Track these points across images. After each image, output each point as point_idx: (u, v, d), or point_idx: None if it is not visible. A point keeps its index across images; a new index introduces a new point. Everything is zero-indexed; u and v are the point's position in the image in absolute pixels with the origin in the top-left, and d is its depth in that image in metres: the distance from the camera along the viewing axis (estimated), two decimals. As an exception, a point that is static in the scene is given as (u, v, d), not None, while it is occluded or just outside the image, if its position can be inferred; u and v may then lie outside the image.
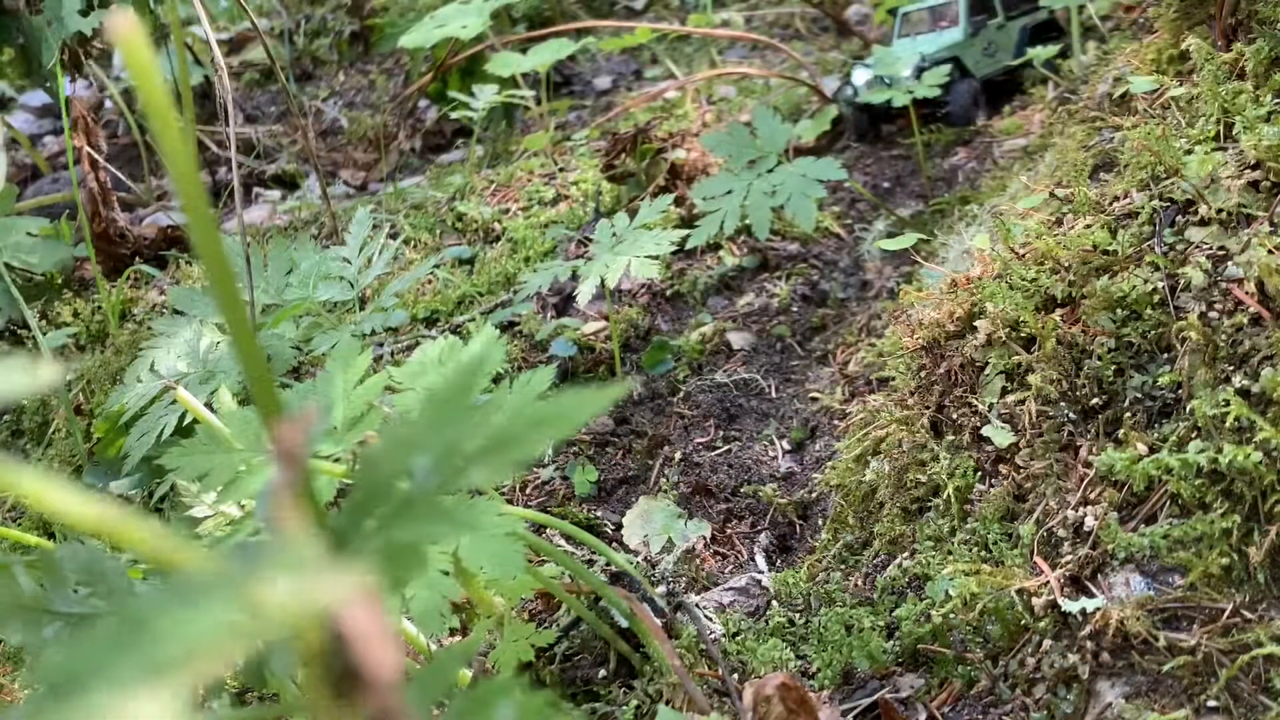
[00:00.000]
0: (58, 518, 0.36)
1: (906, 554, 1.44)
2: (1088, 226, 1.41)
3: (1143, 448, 1.21)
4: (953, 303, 1.50)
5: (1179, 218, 1.33)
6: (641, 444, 1.96)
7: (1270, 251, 1.18)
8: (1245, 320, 1.18)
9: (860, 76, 2.76)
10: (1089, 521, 1.23)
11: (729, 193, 2.13)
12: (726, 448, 1.92)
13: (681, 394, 2.06)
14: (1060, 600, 1.17)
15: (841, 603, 1.42)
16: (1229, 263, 1.23)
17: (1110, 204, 1.43)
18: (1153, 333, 1.28)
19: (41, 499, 0.36)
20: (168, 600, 0.32)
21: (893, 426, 1.55)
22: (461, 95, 3.02)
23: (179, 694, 0.29)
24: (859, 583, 1.47)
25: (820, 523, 1.67)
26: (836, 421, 1.85)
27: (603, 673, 1.41)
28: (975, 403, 1.43)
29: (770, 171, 2.13)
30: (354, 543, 0.50)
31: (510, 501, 1.88)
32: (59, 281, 2.67)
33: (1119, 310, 1.31)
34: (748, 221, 2.12)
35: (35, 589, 0.89)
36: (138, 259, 2.74)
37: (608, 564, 1.55)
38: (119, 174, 2.77)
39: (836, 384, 1.97)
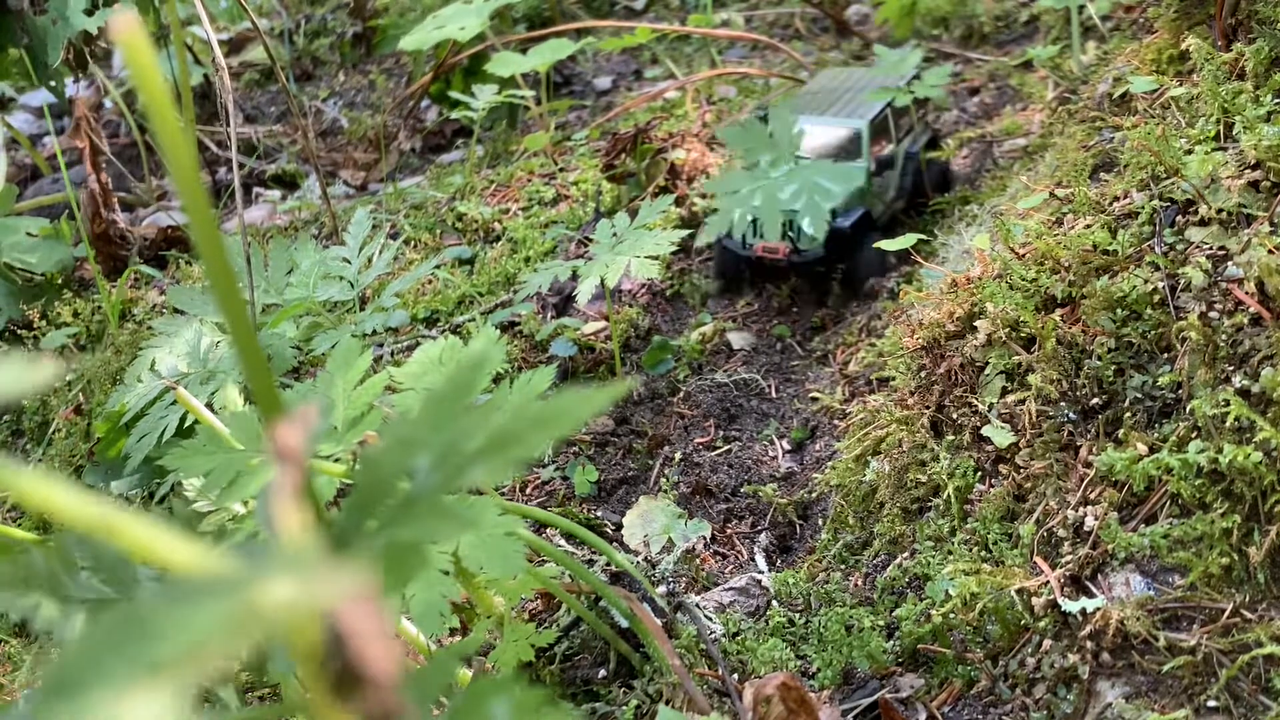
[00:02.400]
0: (58, 518, 0.36)
1: (906, 554, 1.44)
2: (1088, 226, 1.41)
3: (1143, 448, 1.21)
4: (953, 303, 1.50)
5: (1179, 218, 1.33)
6: (641, 444, 1.96)
7: (1270, 251, 1.18)
8: (1245, 320, 1.18)
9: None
10: (1089, 521, 1.23)
11: (738, 192, 2.10)
12: (726, 448, 1.92)
13: (681, 394, 2.06)
14: (1060, 600, 1.18)
15: (841, 603, 1.42)
16: (1229, 263, 1.23)
17: (1110, 204, 1.43)
18: (1153, 333, 1.28)
19: (41, 500, 0.36)
20: (167, 599, 0.32)
21: (893, 426, 1.55)
22: (463, 96, 3.02)
23: (177, 693, 0.29)
24: (859, 583, 1.47)
25: (820, 523, 1.67)
26: (836, 421, 1.85)
27: (603, 673, 1.41)
28: (975, 403, 1.43)
29: (786, 172, 2.10)
30: (355, 542, 0.51)
31: (510, 501, 1.88)
32: (59, 281, 2.67)
33: (1119, 310, 1.31)
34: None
35: (53, 571, 0.89)
36: (138, 259, 2.74)
37: (608, 564, 1.55)
38: (118, 175, 2.77)
39: (836, 384, 1.97)
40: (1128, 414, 1.27)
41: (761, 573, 1.59)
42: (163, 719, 0.28)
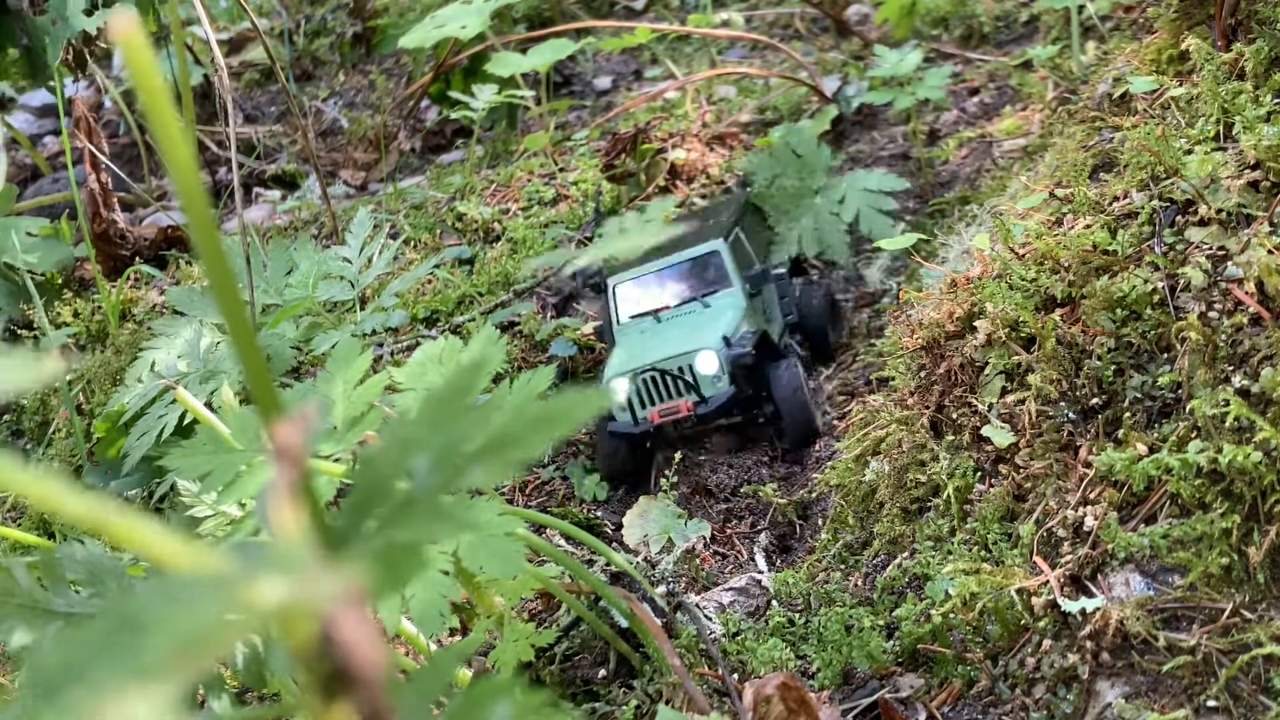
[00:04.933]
0: (58, 517, 0.36)
1: (906, 554, 1.44)
2: (1088, 226, 1.41)
3: (1143, 448, 1.21)
4: (953, 303, 1.50)
5: (1179, 218, 1.33)
6: (641, 444, 1.96)
7: (1270, 251, 1.18)
8: (1245, 320, 1.18)
9: (626, 388, 1.85)
10: (1089, 521, 1.23)
11: (792, 210, 2.09)
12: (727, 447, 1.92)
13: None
14: (1060, 600, 1.17)
15: (841, 603, 1.42)
16: (1229, 263, 1.23)
17: (1110, 204, 1.43)
18: (1153, 333, 1.28)
19: (42, 498, 0.36)
20: (159, 598, 0.32)
21: (893, 426, 1.55)
22: (463, 96, 3.02)
23: (167, 691, 0.29)
24: (859, 583, 1.47)
25: (820, 523, 1.67)
26: (836, 421, 1.85)
27: (603, 673, 1.41)
28: (975, 403, 1.43)
29: (825, 188, 2.10)
30: (354, 543, 0.50)
31: (510, 501, 1.88)
32: (59, 281, 2.67)
33: (1119, 310, 1.31)
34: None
35: (36, 589, 0.89)
36: (138, 259, 2.74)
37: (608, 564, 1.55)
38: (119, 174, 2.78)
39: (835, 384, 1.97)
40: (1128, 414, 1.27)
41: (761, 573, 1.59)
42: (150, 718, 0.28)
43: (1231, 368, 1.17)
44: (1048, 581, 1.20)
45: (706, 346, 1.81)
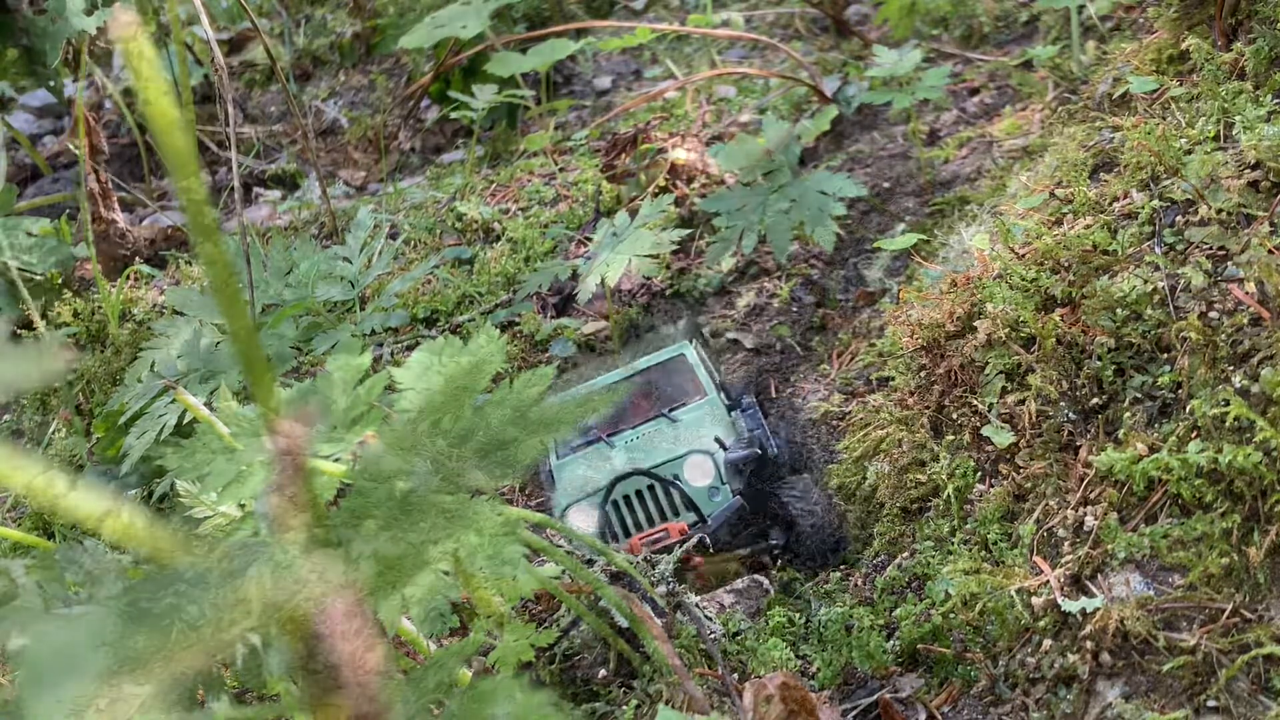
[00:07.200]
0: (60, 512, 0.36)
1: (906, 554, 1.44)
2: (1088, 226, 1.41)
3: (1143, 448, 1.21)
4: (953, 303, 1.50)
5: (1179, 218, 1.33)
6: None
7: (1270, 251, 1.18)
8: (1245, 320, 1.18)
9: (591, 516, 1.53)
10: (1089, 521, 1.23)
11: (743, 208, 2.08)
12: (726, 448, 1.91)
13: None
14: (1060, 600, 1.17)
15: (841, 603, 1.42)
16: (1229, 263, 1.23)
17: (1110, 204, 1.43)
18: (1153, 333, 1.28)
19: (44, 492, 0.36)
20: (153, 593, 0.32)
21: (893, 426, 1.55)
22: (463, 96, 3.02)
23: (160, 684, 0.29)
24: (859, 583, 1.47)
25: (820, 523, 1.67)
26: (836, 422, 1.85)
27: (603, 673, 1.41)
28: (975, 403, 1.43)
29: (784, 186, 2.08)
30: (355, 543, 0.50)
31: (510, 501, 1.88)
32: (59, 281, 2.67)
33: (1119, 310, 1.31)
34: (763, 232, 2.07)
35: (36, 590, 0.89)
36: (138, 259, 2.74)
37: (608, 564, 1.55)
38: (118, 175, 2.78)
39: (835, 385, 1.97)
40: (1128, 414, 1.27)
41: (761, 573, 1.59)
42: (142, 711, 0.28)
43: (1231, 368, 1.17)
44: (1048, 581, 1.20)
45: (696, 450, 1.47)
